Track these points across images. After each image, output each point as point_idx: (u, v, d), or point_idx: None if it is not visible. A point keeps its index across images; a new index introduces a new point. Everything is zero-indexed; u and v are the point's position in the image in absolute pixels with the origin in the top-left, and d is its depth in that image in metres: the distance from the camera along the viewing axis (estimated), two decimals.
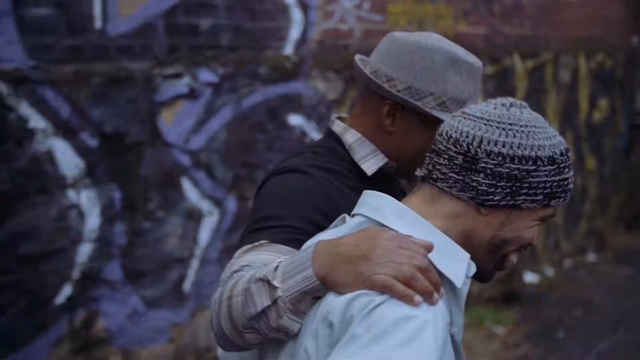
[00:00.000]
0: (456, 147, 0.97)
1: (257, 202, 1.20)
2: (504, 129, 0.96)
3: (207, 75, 2.62)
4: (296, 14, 2.97)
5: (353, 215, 1.03)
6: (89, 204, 2.29)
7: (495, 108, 0.99)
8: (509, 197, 0.96)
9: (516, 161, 0.95)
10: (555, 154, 0.97)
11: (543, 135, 0.97)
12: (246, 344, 1.00)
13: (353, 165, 1.26)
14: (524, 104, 1.02)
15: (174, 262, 2.57)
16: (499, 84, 4.45)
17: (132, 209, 2.42)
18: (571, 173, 1.01)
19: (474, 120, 0.98)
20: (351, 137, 1.27)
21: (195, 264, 2.65)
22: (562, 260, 5.23)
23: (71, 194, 2.24)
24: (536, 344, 3.84)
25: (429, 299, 0.88)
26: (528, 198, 0.96)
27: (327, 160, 1.24)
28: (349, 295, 0.88)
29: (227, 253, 2.77)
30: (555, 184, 0.97)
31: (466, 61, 1.23)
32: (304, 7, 3.00)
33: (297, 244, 1.08)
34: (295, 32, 2.97)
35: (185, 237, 2.60)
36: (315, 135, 3.09)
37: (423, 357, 0.83)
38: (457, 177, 0.96)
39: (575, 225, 5.45)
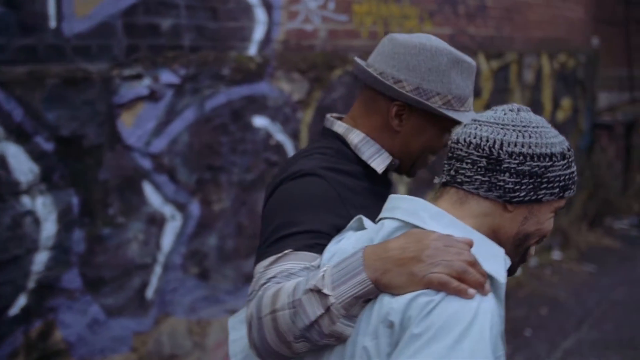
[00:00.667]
0: (478, 152, 1.04)
1: (274, 209, 1.20)
2: (519, 131, 1.04)
3: (168, 77, 2.55)
4: (260, 14, 2.92)
5: (381, 219, 1.09)
6: (44, 210, 2.20)
7: (505, 114, 1.07)
8: (532, 193, 1.04)
9: (535, 159, 1.03)
10: (564, 150, 1.07)
11: (552, 134, 1.07)
12: (293, 354, 1.04)
13: (359, 164, 1.30)
14: (527, 108, 1.10)
15: (135, 268, 2.49)
16: None
17: (91, 215, 2.34)
18: (575, 167, 1.11)
19: (490, 126, 1.06)
20: (356, 137, 1.31)
21: (158, 270, 2.58)
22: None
23: (25, 200, 2.15)
24: (504, 342, 3.86)
25: (481, 290, 0.95)
26: (547, 192, 1.05)
27: (336, 161, 1.27)
28: (407, 297, 0.93)
29: (191, 258, 2.71)
30: (567, 176, 1.07)
31: (465, 61, 1.31)
32: (268, 7, 2.95)
33: (320, 249, 1.12)
34: (259, 33, 2.92)
35: (148, 242, 2.53)
36: (281, 137, 3.05)
37: (480, 348, 0.90)
38: (483, 178, 1.04)
39: None
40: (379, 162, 1.32)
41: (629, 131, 7.54)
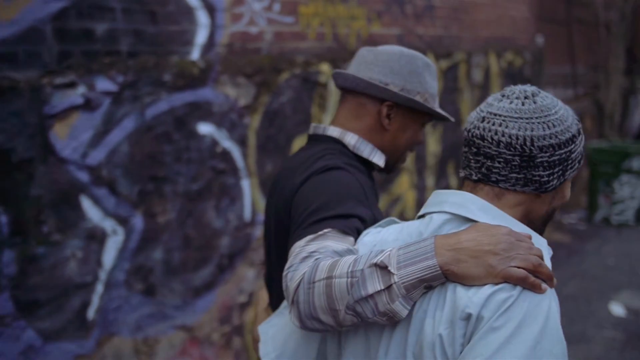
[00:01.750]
0: (510, 150, 1.06)
1: (307, 197, 1.27)
2: (544, 122, 1.06)
3: (104, 84, 2.42)
4: (202, 17, 2.81)
5: (425, 214, 1.13)
6: None
7: (523, 104, 1.08)
8: (562, 177, 1.09)
9: (562, 146, 1.07)
10: (578, 125, 1.12)
11: (567, 113, 1.11)
12: (336, 324, 1.05)
13: (359, 162, 1.44)
14: (535, 88, 1.12)
15: (74, 288, 2.35)
16: None
17: (22, 234, 2.18)
18: None
19: (515, 121, 1.06)
20: (351, 138, 1.44)
21: (99, 288, 2.44)
22: None
23: None
24: None
25: (550, 283, 1.00)
26: (572, 170, 1.11)
27: (344, 159, 1.38)
28: (487, 291, 0.96)
29: (135, 274, 2.58)
30: (582, 149, 1.12)
31: (431, 64, 1.52)
32: (210, 10, 2.84)
33: (354, 232, 1.18)
34: (201, 36, 2.81)
35: (87, 260, 2.39)
36: (227, 143, 2.94)
37: (559, 337, 0.95)
38: (518, 175, 1.07)
39: None
40: (378, 158, 1.46)
41: None
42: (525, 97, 1.09)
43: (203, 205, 2.83)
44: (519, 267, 0.96)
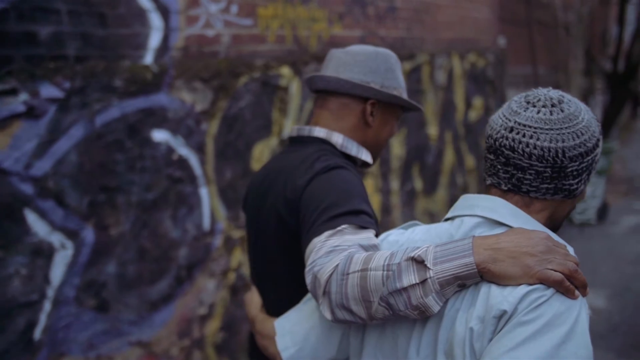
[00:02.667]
0: (542, 162, 1.08)
1: (317, 195, 1.29)
2: (573, 132, 1.08)
3: (49, 90, 2.29)
4: (155, 20, 2.69)
5: (454, 217, 1.16)
6: None
7: (552, 113, 1.09)
8: (587, 181, 1.14)
9: (589, 153, 1.10)
10: (599, 126, 1.13)
11: (589, 116, 1.12)
12: (367, 316, 1.07)
13: (348, 160, 1.49)
14: (559, 93, 1.13)
15: (19, 307, 2.21)
16: None
17: None
18: None
19: (546, 133, 1.07)
20: (338, 138, 1.49)
21: (47, 306, 2.31)
22: None
23: None
24: None
25: (583, 291, 1.01)
26: (594, 170, 1.14)
27: (339, 159, 1.42)
28: (522, 290, 0.98)
29: (87, 290, 2.45)
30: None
31: (399, 60, 1.60)
32: (164, 12, 2.73)
33: (368, 226, 1.22)
34: (154, 40, 2.70)
35: (33, 277, 2.26)
36: (184, 151, 2.83)
37: (585, 342, 0.95)
38: (549, 186, 1.10)
39: None
40: (365, 155, 1.52)
41: None
42: (552, 105, 1.09)
43: (159, 215, 2.72)
44: (556, 271, 0.99)
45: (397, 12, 4.60)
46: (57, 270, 2.34)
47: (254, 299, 1.61)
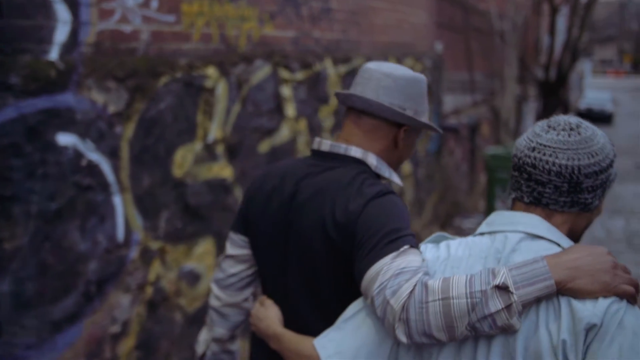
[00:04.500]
0: (560, 178, 1.22)
1: (376, 221, 1.36)
2: (589, 153, 1.22)
3: None
4: (62, 12, 2.45)
5: (498, 231, 1.27)
6: None
7: (570, 136, 1.23)
8: (602, 197, 1.27)
9: (603, 172, 1.24)
10: (614, 149, 1.28)
11: (605, 140, 1.26)
12: (448, 340, 1.17)
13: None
14: (577, 119, 1.27)
15: None
16: (311, 90, 4.27)
17: None
18: None
19: (564, 152, 1.22)
20: (372, 159, 1.54)
21: None
22: None
23: None
24: None
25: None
26: (609, 187, 1.27)
27: (383, 186, 1.48)
28: (604, 304, 1.11)
29: None
30: (615, 170, 1.28)
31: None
32: (72, 4, 2.48)
33: (417, 247, 1.32)
34: (61, 33, 2.45)
35: None
36: (94, 156, 2.59)
37: None
38: (566, 199, 1.24)
39: None
40: (396, 177, 1.60)
41: (473, 133, 7.87)
42: (571, 129, 1.24)
43: (64, 226, 2.47)
44: (630, 286, 1.14)
45: (332, 13, 4.47)
46: None
47: (269, 314, 1.56)
